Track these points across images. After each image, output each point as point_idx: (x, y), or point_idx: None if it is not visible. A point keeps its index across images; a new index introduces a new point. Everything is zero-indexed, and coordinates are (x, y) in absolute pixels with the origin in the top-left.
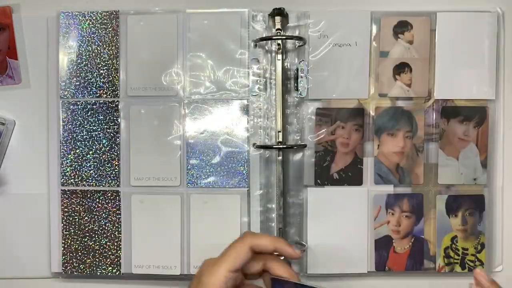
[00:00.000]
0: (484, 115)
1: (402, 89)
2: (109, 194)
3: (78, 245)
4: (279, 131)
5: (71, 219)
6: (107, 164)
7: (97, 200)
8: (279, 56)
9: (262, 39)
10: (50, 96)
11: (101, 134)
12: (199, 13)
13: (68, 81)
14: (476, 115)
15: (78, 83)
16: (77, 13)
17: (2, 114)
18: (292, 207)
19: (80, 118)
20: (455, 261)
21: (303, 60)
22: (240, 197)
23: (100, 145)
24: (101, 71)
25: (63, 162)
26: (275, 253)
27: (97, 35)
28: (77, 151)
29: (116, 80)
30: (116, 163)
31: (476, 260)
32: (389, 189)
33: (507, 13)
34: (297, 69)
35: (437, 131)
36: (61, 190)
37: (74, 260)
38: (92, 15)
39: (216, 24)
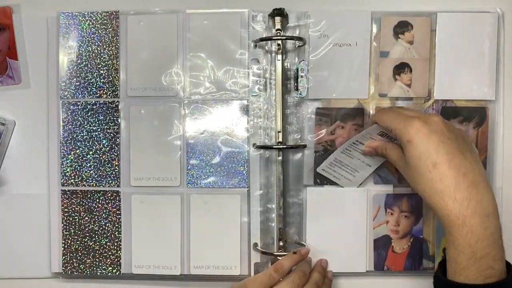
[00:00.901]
0: (483, 115)
1: (402, 89)
2: (109, 194)
3: (78, 245)
4: (279, 131)
5: (71, 219)
6: (107, 164)
7: (97, 200)
8: (279, 56)
9: (262, 39)
10: (50, 96)
11: (101, 134)
12: (199, 13)
13: (68, 81)
14: (475, 115)
15: (78, 83)
16: (77, 13)
17: (2, 114)
18: (292, 207)
19: (80, 119)
20: None
21: (303, 60)
22: (240, 197)
23: (100, 145)
24: (101, 71)
25: (63, 162)
26: None
27: (97, 35)
28: (77, 151)
29: (116, 80)
30: (116, 163)
31: None
32: (389, 189)
33: (507, 14)
34: (297, 69)
35: None
36: (61, 190)
37: (74, 260)
38: (92, 15)
39: (216, 24)
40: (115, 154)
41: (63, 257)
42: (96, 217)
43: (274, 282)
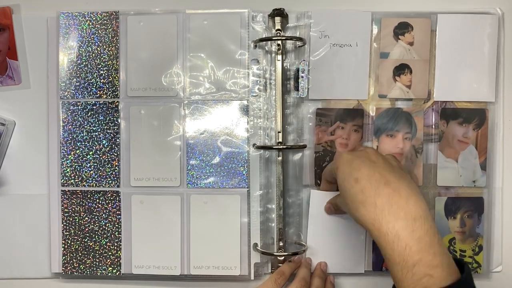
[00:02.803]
0: (483, 117)
1: (402, 91)
2: (109, 195)
3: (78, 245)
4: (279, 132)
5: (71, 219)
6: (107, 164)
7: (97, 200)
8: (279, 57)
9: (262, 39)
10: (50, 96)
11: (101, 134)
12: (199, 13)
13: (68, 82)
14: (475, 117)
15: (78, 84)
16: (77, 13)
17: (2, 114)
18: (292, 207)
19: (80, 119)
20: None
21: (304, 60)
22: (240, 198)
23: (100, 145)
24: (101, 72)
25: (63, 162)
26: None
27: (97, 36)
28: (77, 151)
29: (116, 80)
30: (116, 163)
31: (473, 262)
32: None
33: (507, 15)
34: (298, 69)
35: (436, 131)
36: (61, 190)
37: (74, 260)
38: (92, 15)
39: (216, 24)
40: (115, 154)
41: (63, 257)
42: (96, 217)
43: (279, 287)
